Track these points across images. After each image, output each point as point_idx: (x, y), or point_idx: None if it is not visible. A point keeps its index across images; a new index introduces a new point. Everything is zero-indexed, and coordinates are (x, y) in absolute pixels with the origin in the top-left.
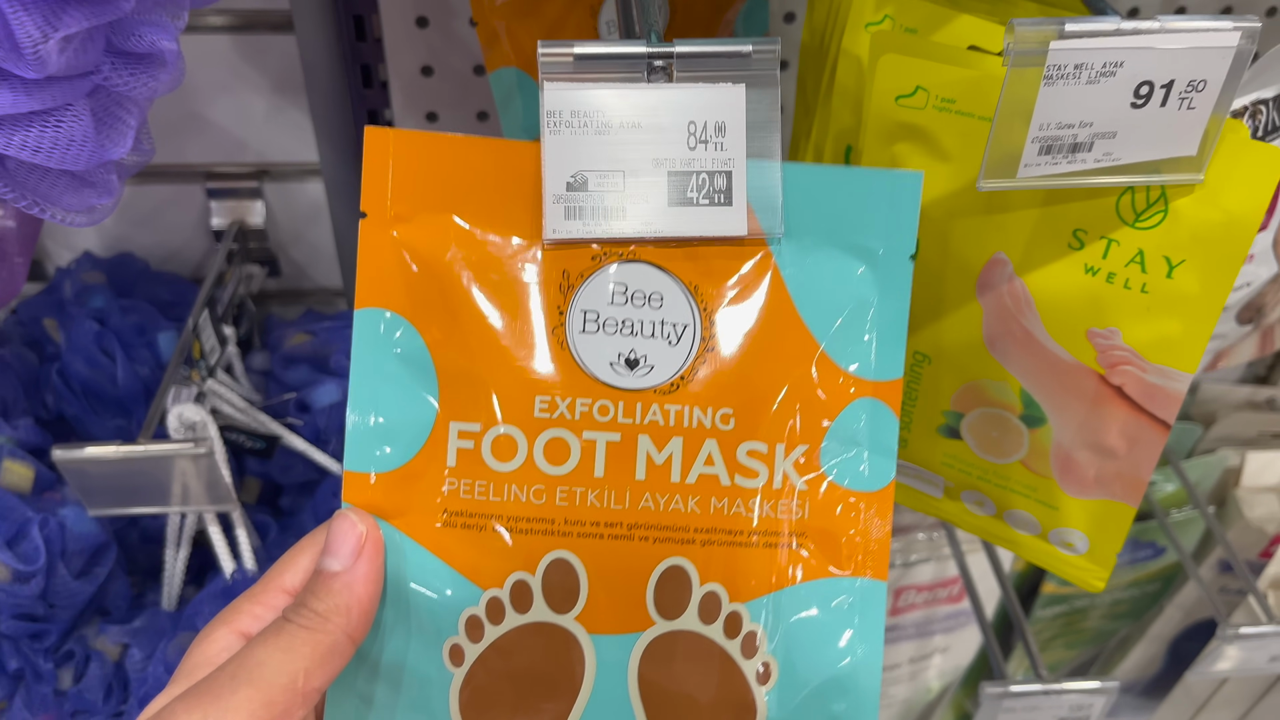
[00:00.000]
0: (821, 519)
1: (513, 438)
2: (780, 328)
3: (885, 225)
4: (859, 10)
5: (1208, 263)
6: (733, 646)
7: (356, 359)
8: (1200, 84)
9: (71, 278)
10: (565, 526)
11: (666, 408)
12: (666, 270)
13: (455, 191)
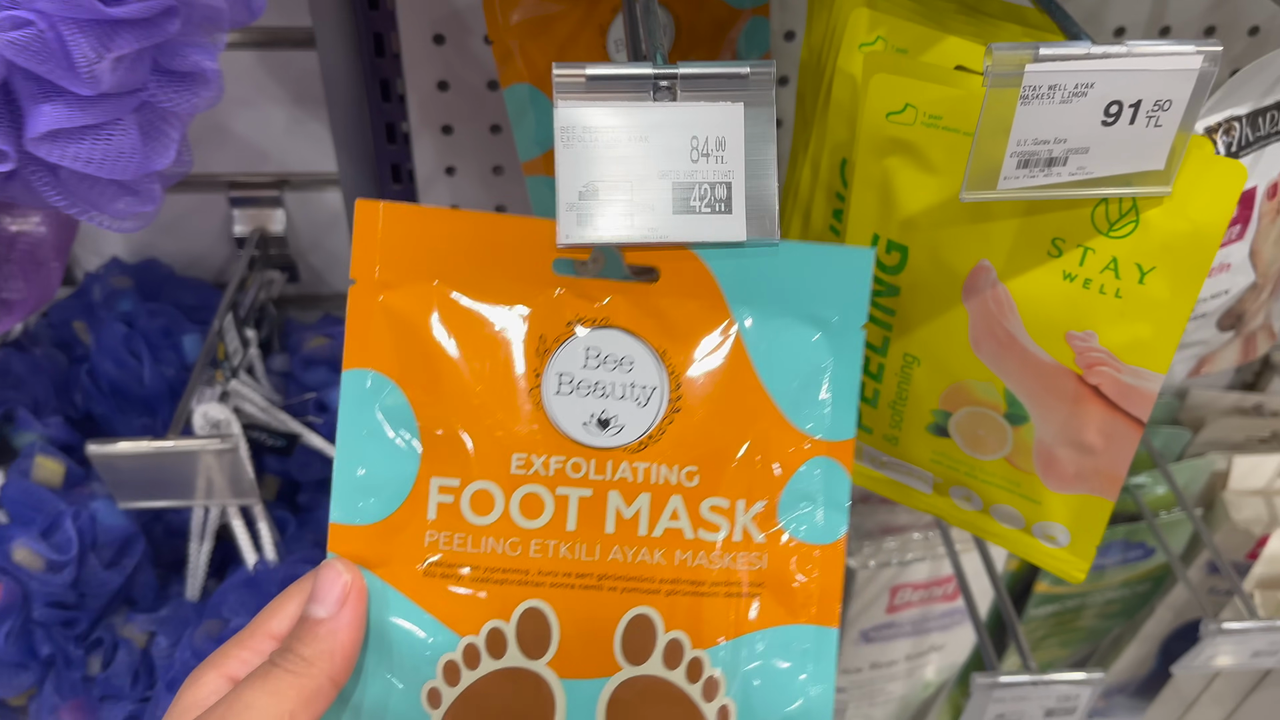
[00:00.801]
0: (778, 570)
1: (490, 493)
2: (742, 390)
3: (839, 297)
4: (853, 31)
5: (1176, 270)
6: (694, 690)
7: (343, 416)
8: (1166, 103)
9: (100, 282)
10: (538, 577)
11: (635, 465)
12: (637, 336)
13: (439, 261)
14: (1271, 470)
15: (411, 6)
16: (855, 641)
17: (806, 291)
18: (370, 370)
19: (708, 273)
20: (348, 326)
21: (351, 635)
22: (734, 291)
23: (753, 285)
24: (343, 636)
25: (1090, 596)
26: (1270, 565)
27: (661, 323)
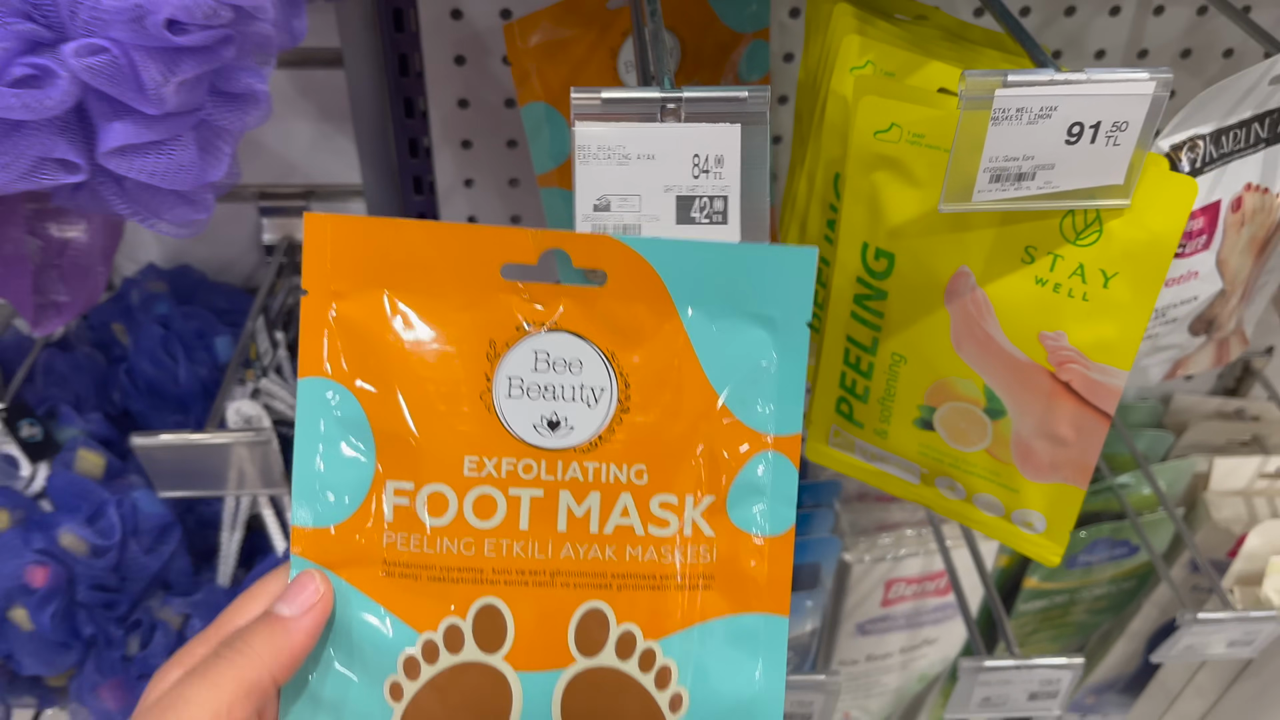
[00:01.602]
0: (728, 562)
1: (444, 495)
2: (689, 389)
3: (784, 296)
4: (845, 56)
5: (1137, 275)
6: (647, 680)
7: (300, 424)
8: (1123, 124)
9: (138, 287)
10: (493, 575)
11: (586, 465)
12: (585, 338)
13: (389, 270)
14: (1251, 472)
15: (435, 29)
16: (851, 634)
17: (752, 291)
18: (324, 379)
19: (654, 274)
20: (301, 336)
21: (304, 640)
22: (680, 292)
23: (699, 285)
24: (297, 638)
25: (1078, 593)
26: (1249, 562)
27: (609, 325)
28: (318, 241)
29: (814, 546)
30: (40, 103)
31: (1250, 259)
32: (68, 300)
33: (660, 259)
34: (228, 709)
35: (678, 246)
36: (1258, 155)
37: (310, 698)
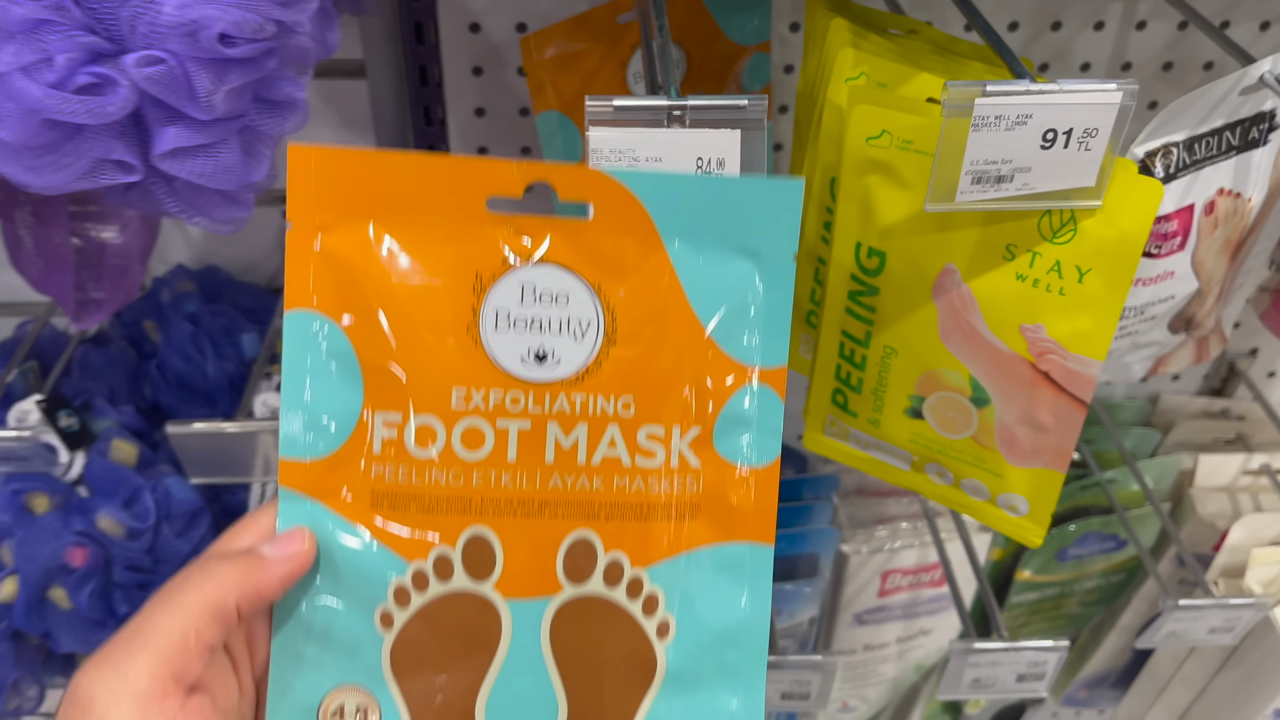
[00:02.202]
0: (714, 492)
1: (432, 426)
2: (675, 322)
3: (770, 228)
4: (840, 68)
5: (1109, 271)
6: (634, 607)
7: (287, 357)
8: (1094, 131)
9: (168, 286)
10: (481, 505)
11: (573, 397)
12: (572, 271)
13: (374, 202)
14: (1235, 468)
15: (454, 42)
16: (849, 624)
17: (738, 223)
18: (311, 311)
19: (641, 207)
20: (286, 269)
21: (275, 584)
22: (667, 225)
23: (685, 218)
24: (269, 579)
25: (1068, 585)
26: (1232, 555)
27: (596, 258)
28: (302, 174)
29: (812, 537)
30: (102, 109)
31: (1225, 260)
32: (106, 297)
33: (646, 192)
34: (196, 632)
35: (663, 179)
36: (1229, 161)
37: (301, 627)
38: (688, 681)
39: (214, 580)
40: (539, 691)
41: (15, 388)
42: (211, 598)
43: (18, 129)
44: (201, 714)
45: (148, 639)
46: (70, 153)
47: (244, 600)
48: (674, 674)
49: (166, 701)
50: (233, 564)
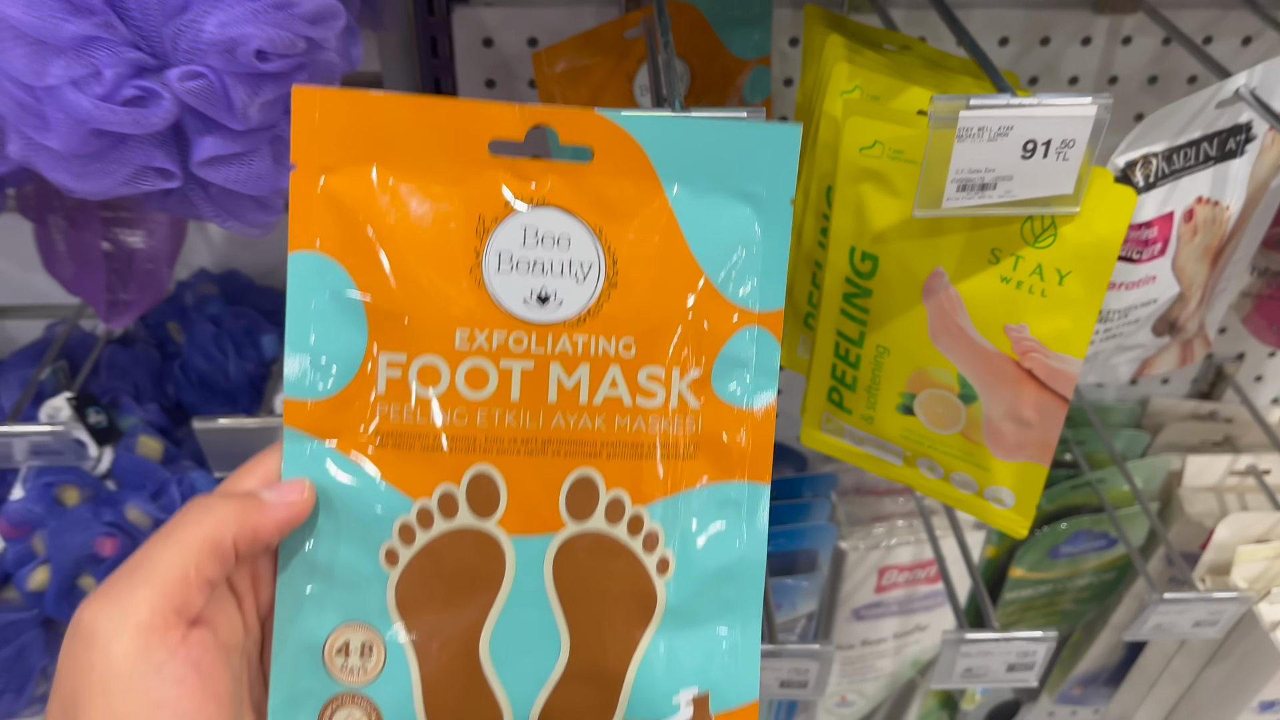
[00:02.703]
0: (712, 432)
1: (436, 366)
2: (675, 265)
3: (768, 172)
4: (836, 81)
5: (1087, 274)
6: (635, 543)
7: (292, 297)
8: (1071, 142)
9: (191, 289)
10: (486, 444)
11: (575, 338)
12: (573, 214)
13: (378, 144)
14: (1222, 469)
15: (468, 56)
16: (847, 619)
17: (737, 167)
18: (315, 252)
19: (641, 151)
20: (290, 210)
21: (272, 527)
22: (666, 168)
23: (685, 162)
24: (266, 520)
25: (1061, 582)
26: (1218, 552)
27: (597, 201)
28: (306, 116)
29: (811, 534)
30: (147, 120)
31: (1205, 266)
32: (135, 299)
33: (646, 135)
34: (195, 567)
35: (664, 123)
36: (1208, 171)
37: (306, 565)
38: (687, 617)
39: (212, 517)
40: (542, 626)
41: (46, 386)
42: (210, 533)
43: (67, 138)
44: (203, 646)
45: (148, 573)
46: (115, 160)
47: (241, 539)
48: (673, 609)
49: (168, 633)
50: (231, 503)
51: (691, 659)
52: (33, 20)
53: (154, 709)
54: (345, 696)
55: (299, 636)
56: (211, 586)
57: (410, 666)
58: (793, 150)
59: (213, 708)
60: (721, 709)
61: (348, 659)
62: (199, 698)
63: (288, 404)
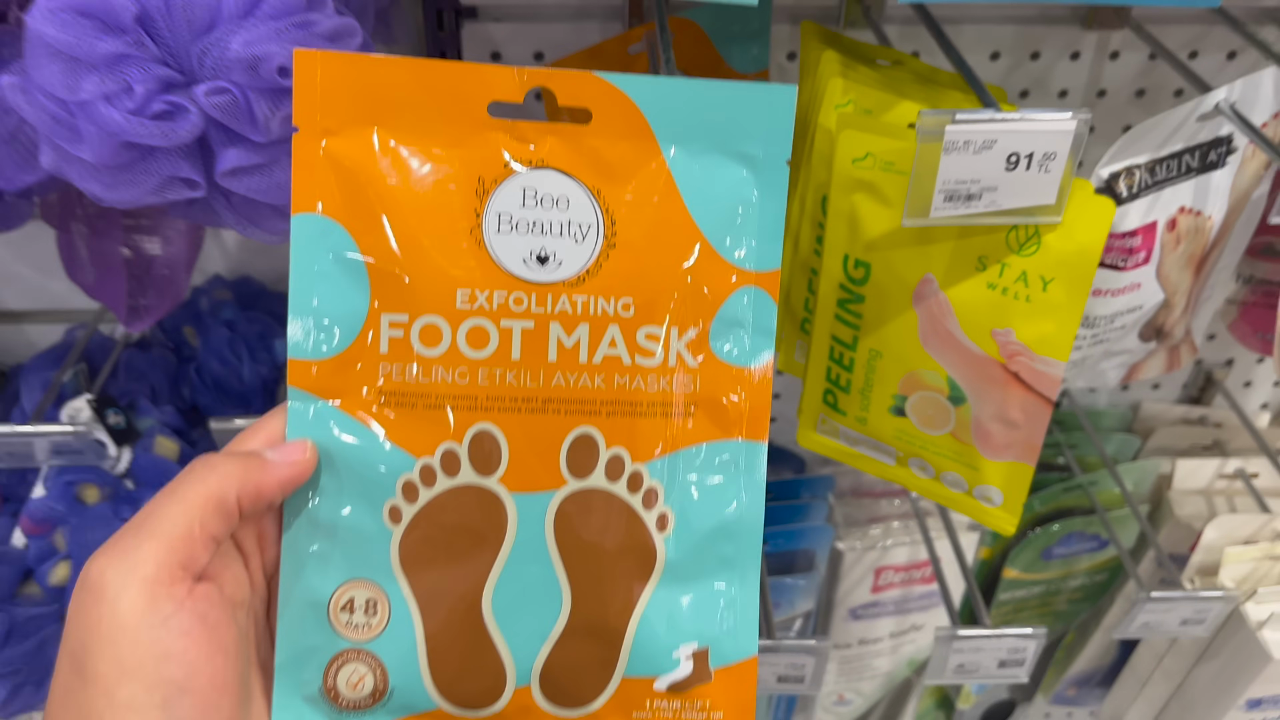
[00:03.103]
0: (710, 391)
1: (438, 326)
2: (673, 225)
3: (764, 133)
4: (830, 95)
5: (1069, 280)
6: (635, 500)
7: (295, 259)
8: (1052, 154)
9: (206, 295)
10: (487, 402)
11: (574, 298)
12: (572, 176)
13: (379, 107)
14: (1211, 473)
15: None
16: (845, 618)
17: (734, 129)
18: (317, 215)
19: (638, 112)
20: (294, 173)
21: (275, 485)
22: (664, 130)
23: (682, 124)
24: (269, 479)
25: (1054, 583)
26: (1207, 554)
27: (595, 162)
28: (308, 79)
29: (809, 534)
30: (174, 132)
31: (1189, 274)
32: (154, 304)
33: (644, 97)
34: (200, 523)
35: (661, 84)
36: (1190, 182)
37: (310, 524)
38: (686, 572)
39: (216, 474)
40: (544, 581)
41: (67, 388)
42: (213, 490)
43: (99, 150)
44: (209, 600)
45: (154, 529)
46: (143, 171)
47: (244, 496)
48: (673, 565)
49: (174, 587)
50: (235, 461)
51: (691, 614)
52: (67, 38)
53: (161, 659)
54: (350, 652)
55: (304, 594)
56: (216, 543)
57: (414, 622)
58: (788, 111)
59: (219, 659)
60: (721, 664)
61: (352, 615)
62: (206, 649)
63: (291, 365)
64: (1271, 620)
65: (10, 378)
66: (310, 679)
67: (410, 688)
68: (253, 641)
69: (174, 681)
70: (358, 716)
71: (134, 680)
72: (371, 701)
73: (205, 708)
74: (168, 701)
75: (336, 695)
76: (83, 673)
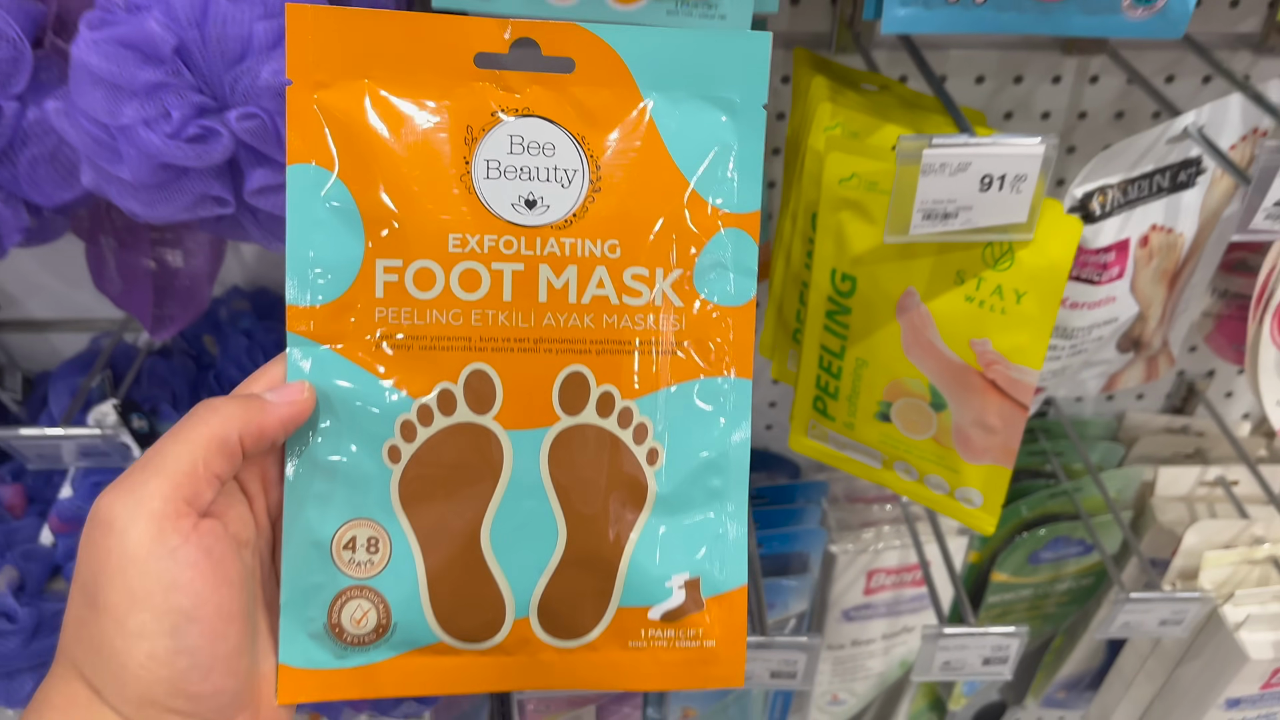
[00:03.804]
0: (696, 329)
1: (431, 270)
2: (656, 170)
3: (741, 79)
4: (820, 119)
5: (1041, 294)
6: (625, 435)
7: (291, 209)
8: (1023, 176)
9: (225, 305)
10: (480, 343)
11: (562, 241)
12: (557, 123)
13: (369, 59)
14: (1192, 480)
15: None
16: (838, 620)
17: (712, 76)
18: (311, 164)
19: (620, 61)
20: (288, 125)
21: (275, 424)
22: (645, 78)
23: (663, 71)
24: (269, 418)
25: (1042, 587)
26: (1187, 558)
27: (579, 110)
28: (300, 32)
29: (803, 537)
30: (208, 154)
31: (1163, 287)
32: (177, 314)
33: (625, 46)
34: (204, 461)
35: (641, 34)
36: (1161, 201)
37: (312, 465)
38: (676, 505)
39: (218, 416)
40: (539, 515)
41: (93, 394)
42: (216, 431)
43: (138, 170)
44: (214, 535)
45: (160, 467)
46: (178, 190)
47: (247, 436)
48: (663, 497)
49: (180, 521)
50: (236, 403)
51: (682, 545)
52: (111, 68)
53: (169, 589)
54: (353, 589)
55: (307, 533)
56: (220, 481)
57: (415, 559)
58: (763, 57)
59: (225, 590)
60: (712, 593)
61: (355, 554)
62: (211, 579)
63: (290, 311)
64: (1248, 622)
65: (37, 384)
66: (315, 616)
67: (412, 622)
68: (258, 580)
69: (181, 610)
70: (362, 651)
71: (143, 609)
72: (375, 637)
73: (212, 636)
74: (176, 629)
75: (341, 631)
76: (94, 603)
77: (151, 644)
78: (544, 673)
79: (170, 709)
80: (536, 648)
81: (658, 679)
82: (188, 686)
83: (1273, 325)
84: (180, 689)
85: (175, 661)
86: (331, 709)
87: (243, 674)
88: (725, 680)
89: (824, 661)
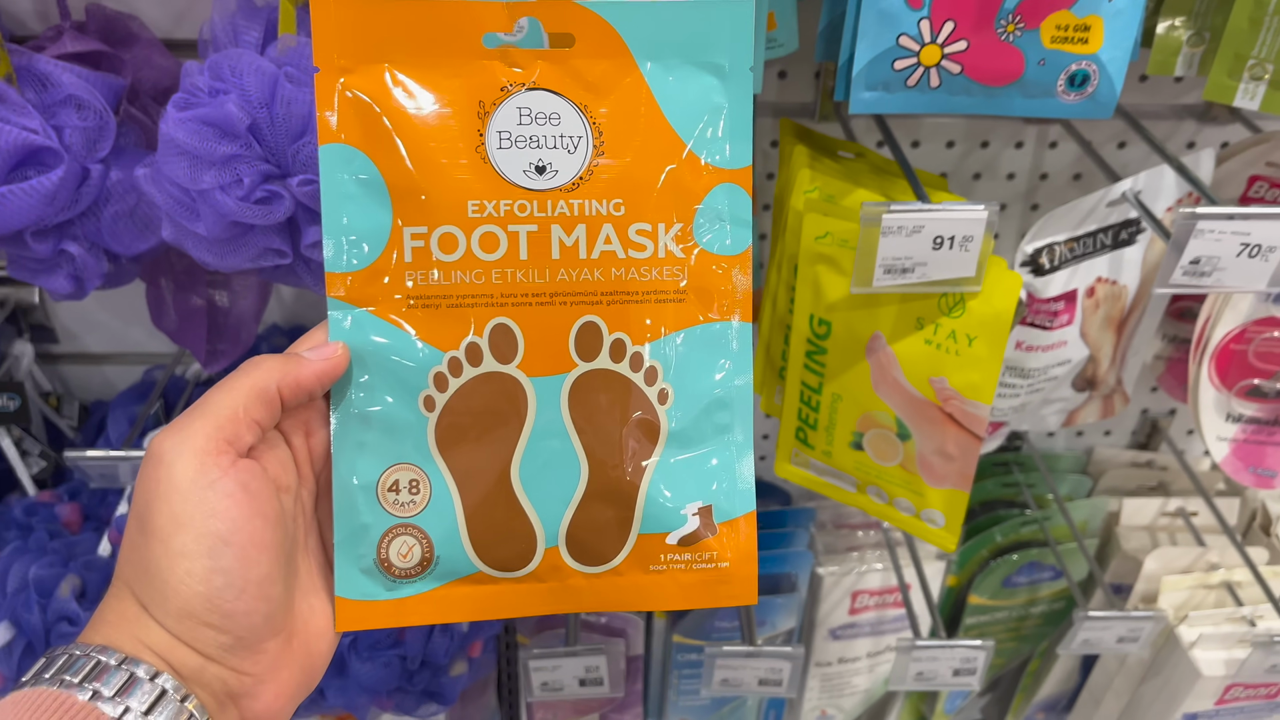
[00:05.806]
0: (698, 278)
1: (454, 235)
2: (653, 132)
3: (729, 44)
4: (800, 183)
5: (989, 338)
6: (638, 378)
7: (325, 185)
8: (970, 237)
9: (266, 340)
10: (501, 299)
11: (571, 202)
12: (561, 94)
13: (388, 45)
14: (1154, 510)
15: None
16: (825, 638)
17: (701, 42)
18: (341, 144)
19: (615, 34)
20: (317, 109)
21: (311, 377)
22: (639, 48)
23: (655, 41)
24: (305, 372)
25: (1016, 609)
26: (1148, 583)
27: (580, 80)
28: (325, 22)
29: (791, 559)
30: (273, 214)
31: (1110, 333)
32: (228, 349)
33: (619, 19)
34: (244, 407)
35: (633, 8)
36: (1105, 257)
37: (357, 416)
38: (687, 439)
39: (260, 369)
40: (563, 453)
41: (148, 421)
42: (257, 382)
43: (213, 227)
44: (251, 472)
45: (205, 411)
46: (246, 243)
47: (285, 387)
48: (675, 433)
49: (220, 458)
50: (276, 359)
51: (695, 476)
52: (194, 142)
53: (208, 515)
54: (399, 527)
55: (354, 479)
56: (260, 427)
57: (453, 497)
58: (747, 22)
59: (258, 521)
60: (723, 519)
61: (399, 495)
62: (246, 510)
63: (328, 278)
64: (1201, 640)
65: (91, 411)
66: (366, 553)
67: (453, 555)
68: (300, 526)
69: (218, 534)
70: (409, 583)
71: (185, 531)
72: (420, 569)
73: (244, 560)
74: (212, 550)
75: (389, 565)
76: (145, 527)
77: (191, 562)
78: (574, 597)
79: (206, 623)
80: (566, 574)
81: (678, 599)
82: (222, 604)
83: (1210, 368)
84: (215, 605)
85: (212, 579)
86: (359, 708)
87: (274, 600)
88: (739, 598)
89: (812, 678)
